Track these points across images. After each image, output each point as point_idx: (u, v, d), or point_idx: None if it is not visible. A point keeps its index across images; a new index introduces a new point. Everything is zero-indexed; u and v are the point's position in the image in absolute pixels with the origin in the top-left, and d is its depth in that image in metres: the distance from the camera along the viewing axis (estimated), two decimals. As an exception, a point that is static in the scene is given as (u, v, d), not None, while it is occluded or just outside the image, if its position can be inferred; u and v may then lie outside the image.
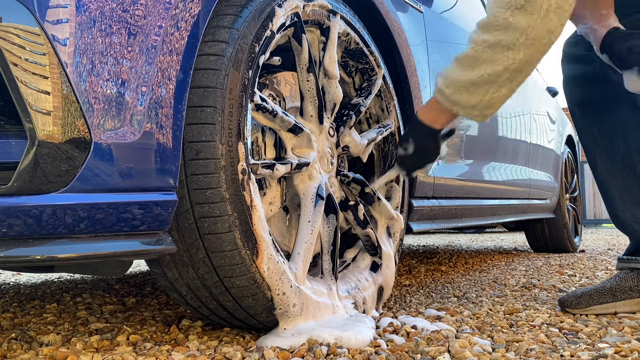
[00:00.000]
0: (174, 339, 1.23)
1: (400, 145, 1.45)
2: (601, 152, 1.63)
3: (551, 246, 3.82)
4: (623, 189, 1.60)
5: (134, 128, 0.92)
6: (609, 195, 1.65)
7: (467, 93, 1.25)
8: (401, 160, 1.47)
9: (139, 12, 0.94)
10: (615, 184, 1.62)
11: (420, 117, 1.39)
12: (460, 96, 1.26)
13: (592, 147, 1.67)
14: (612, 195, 1.63)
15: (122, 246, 0.94)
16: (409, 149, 1.42)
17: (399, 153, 1.46)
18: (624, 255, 1.60)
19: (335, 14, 1.42)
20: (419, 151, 1.42)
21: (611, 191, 1.64)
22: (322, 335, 1.15)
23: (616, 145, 1.60)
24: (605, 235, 6.40)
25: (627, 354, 1.09)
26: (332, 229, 1.37)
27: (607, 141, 1.61)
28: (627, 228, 1.62)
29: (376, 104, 1.67)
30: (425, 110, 1.39)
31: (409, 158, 1.44)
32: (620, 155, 1.59)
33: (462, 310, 1.57)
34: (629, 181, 1.59)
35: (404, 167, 1.48)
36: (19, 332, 1.33)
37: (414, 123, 1.41)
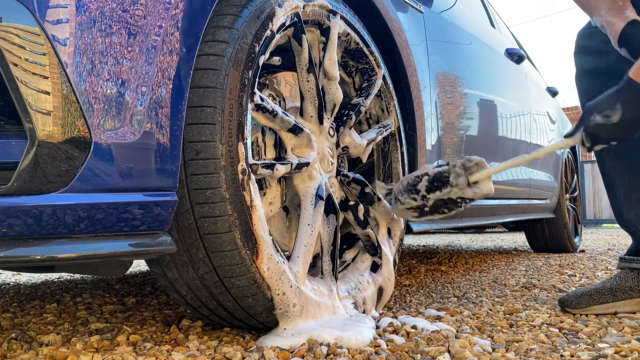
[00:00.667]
0: (174, 339, 1.23)
1: (598, 112, 1.24)
2: (609, 150, 1.61)
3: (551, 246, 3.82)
4: (629, 188, 1.59)
5: (134, 128, 0.92)
6: (614, 194, 1.64)
7: None
8: (595, 129, 1.25)
9: (139, 12, 0.94)
10: (622, 182, 1.61)
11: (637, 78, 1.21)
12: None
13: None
14: (618, 193, 1.63)
15: (122, 246, 0.94)
16: (614, 116, 1.22)
17: (594, 120, 1.24)
18: (625, 255, 1.60)
19: (335, 14, 1.42)
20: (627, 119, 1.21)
21: (617, 189, 1.63)
22: (322, 335, 1.15)
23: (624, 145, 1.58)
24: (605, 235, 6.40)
25: (627, 354, 1.09)
26: (332, 229, 1.37)
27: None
28: (630, 227, 1.61)
29: (376, 104, 1.67)
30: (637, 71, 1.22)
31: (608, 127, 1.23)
32: (629, 153, 1.58)
33: (462, 310, 1.57)
34: (635, 180, 1.58)
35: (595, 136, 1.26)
36: (19, 332, 1.32)
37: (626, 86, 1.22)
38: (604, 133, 1.25)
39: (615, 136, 1.26)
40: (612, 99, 1.24)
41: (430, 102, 1.91)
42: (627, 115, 1.22)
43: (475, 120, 2.37)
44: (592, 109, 1.27)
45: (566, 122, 4.24)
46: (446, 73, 2.10)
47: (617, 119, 1.22)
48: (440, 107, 2.01)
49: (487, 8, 3.37)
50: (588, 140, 1.28)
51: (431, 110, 1.92)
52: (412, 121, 1.79)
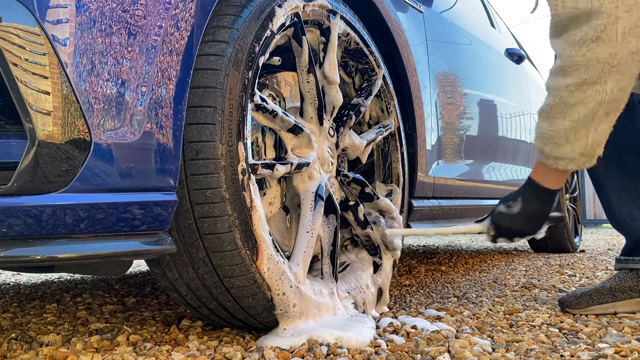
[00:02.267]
0: (174, 339, 1.23)
1: (504, 202, 1.36)
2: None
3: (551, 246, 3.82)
4: (619, 188, 1.60)
5: (134, 128, 0.92)
6: (605, 194, 1.65)
7: (568, 143, 1.20)
8: (498, 219, 1.36)
9: (139, 12, 0.94)
10: (612, 183, 1.62)
11: (533, 177, 1.33)
12: (562, 149, 1.21)
13: None
14: (608, 193, 1.63)
15: (122, 246, 0.94)
16: (514, 207, 1.33)
17: (498, 209, 1.36)
18: (621, 255, 1.60)
19: (335, 14, 1.42)
20: (524, 214, 1.32)
21: (607, 190, 1.63)
22: (322, 336, 1.15)
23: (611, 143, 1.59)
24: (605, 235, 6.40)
25: (627, 354, 1.09)
26: (332, 229, 1.37)
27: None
28: (623, 226, 1.62)
29: (376, 105, 1.67)
30: (535, 171, 1.33)
31: (509, 218, 1.34)
32: (616, 153, 1.59)
33: (462, 310, 1.57)
34: (625, 181, 1.59)
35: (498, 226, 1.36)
36: (19, 332, 1.32)
37: (527, 183, 1.34)
38: (505, 222, 1.35)
39: (515, 227, 1.34)
40: (517, 193, 1.35)
41: (430, 102, 1.91)
42: (525, 208, 1.32)
43: (475, 120, 2.37)
44: (502, 200, 1.39)
45: (566, 122, 4.23)
46: (446, 73, 2.10)
47: (516, 210, 1.33)
48: (440, 107, 2.01)
49: (487, 8, 3.37)
50: (492, 228, 1.37)
51: (431, 110, 1.92)
52: (412, 121, 1.79)
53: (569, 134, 1.20)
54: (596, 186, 1.68)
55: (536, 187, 1.32)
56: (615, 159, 1.59)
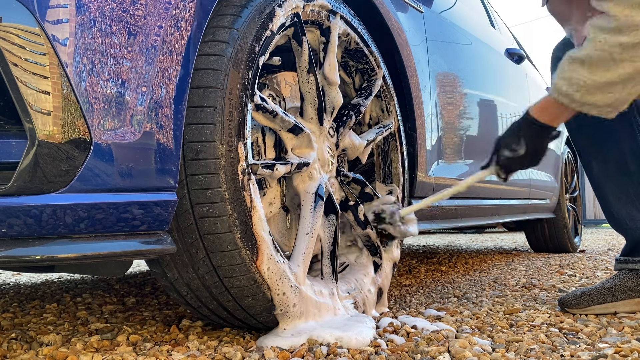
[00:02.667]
0: (174, 339, 1.23)
1: (505, 147, 1.40)
2: (595, 152, 1.63)
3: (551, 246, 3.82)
4: (618, 188, 1.60)
5: (134, 128, 0.92)
6: (603, 195, 1.65)
7: (602, 93, 1.22)
8: (507, 162, 1.41)
9: (139, 12, 0.94)
10: (610, 183, 1.62)
11: (536, 116, 1.35)
12: (593, 97, 1.23)
13: (585, 149, 1.67)
14: (607, 194, 1.63)
15: (122, 246, 0.94)
16: (519, 150, 1.37)
17: (504, 154, 1.40)
18: (620, 256, 1.60)
19: (335, 14, 1.42)
20: (531, 151, 1.37)
21: (606, 190, 1.63)
22: (322, 336, 1.15)
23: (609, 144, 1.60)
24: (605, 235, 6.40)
25: (627, 354, 1.09)
26: (332, 229, 1.37)
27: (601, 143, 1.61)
28: (622, 227, 1.62)
29: (376, 105, 1.67)
30: (540, 110, 1.35)
31: (516, 160, 1.39)
32: (614, 154, 1.59)
33: (462, 310, 1.57)
34: (623, 181, 1.59)
35: (508, 168, 1.42)
36: (19, 332, 1.33)
37: (526, 123, 1.37)
38: (514, 164, 1.41)
39: (523, 165, 1.41)
40: (516, 135, 1.39)
41: (430, 102, 1.91)
42: (530, 148, 1.37)
43: (476, 120, 2.37)
44: (502, 143, 1.42)
45: (566, 122, 4.23)
46: (446, 73, 2.10)
47: (522, 152, 1.38)
48: (440, 107, 2.01)
49: (487, 8, 3.37)
50: (502, 171, 1.43)
51: (431, 110, 1.92)
52: (412, 121, 1.79)
53: (607, 87, 1.21)
54: (595, 187, 1.68)
55: (541, 126, 1.35)
56: (614, 160, 1.59)
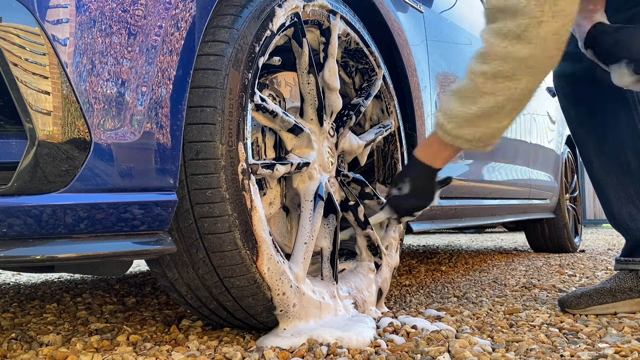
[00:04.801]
0: (174, 339, 1.23)
1: (394, 185, 1.41)
2: (596, 150, 1.63)
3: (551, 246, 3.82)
4: (618, 187, 1.60)
5: (134, 128, 0.92)
6: (604, 193, 1.65)
7: (470, 127, 1.23)
8: (394, 201, 1.42)
9: (139, 12, 0.94)
10: (611, 182, 1.61)
11: (419, 155, 1.36)
12: (463, 130, 1.24)
13: (586, 145, 1.66)
14: (607, 193, 1.63)
15: (122, 246, 0.94)
16: (404, 188, 1.38)
17: (392, 193, 1.41)
18: (621, 256, 1.60)
19: (335, 14, 1.42)
20: (415, 192, 1.38)
21: (606, 189, 1.63)
22: (322, 336, 1.15)
23: (611, 143, 1.59)
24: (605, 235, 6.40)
25: (627, 354, 1.09)
26: (332, 229, 1.37)
27: (602, 139, 1.60)
28: (622, 226, 1.61)
29: (376, 105, 1.67)
30: (424, 148, 1.36)
31: (403, 199, 1.39)
32: (615, 153, 1.58)
33: (462, 310, 1.57)
34: (624, 180, 1.58)
35: (396, 208, 1.43)
36: (19, 332, 1.33)
37: (412, 162, 1.38)
38: (401, 203, 1.41)
39: (411, 205, 1.41)
40: (403, 175, 1.41)
41: (430, 102, 1.91)
42: (414, 187, 1.38)
43: (475, 120, 2.37)
44: (392, 182, 1.43)
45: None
46: (446, 73, 2.10)
47: (407, 191, 1.38)
48: (440, 107, 2.01)
49: (487, 8, 3.36)
50: (393, 211, 1.44)
51: (431, 110, 1.92)
52: (412, 121, 1.79)
53: (474, 120, 1.22)
54: (596, 186, 1.68)
55: (423, 166, 1.36)
56: (615, 159, 1.59)
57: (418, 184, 1.37)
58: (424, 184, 1.38)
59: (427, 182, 1.37)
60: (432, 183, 1.38)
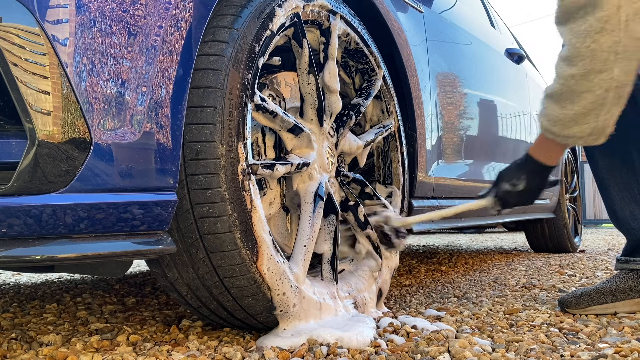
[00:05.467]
0: (174, 339, 1.23)
1: (507, 180, 1.42)
2: (601, 149, 1.62)
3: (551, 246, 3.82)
4: (622, 187, 1.60)
5: (134, 128, 0.92)
6: (607, 193, 1.65)
7: (577, 125, 1.23)
8: (503, 195, 1.43)
9: (139, 12, 0.94)
10: (615, 181, 1.61)
11: (534, 155, 1.38)
12: (571, 130, 1.24)
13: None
14: (611, 192, 1.63)
15: (122, 246, 0.94)
16: (519, 185, 1.40)
17: (504, 188, 1.42)
18: (621, 255, 1.60)
19: (335, 14, 1.42)
20: (529, 189, 1.40)
21: (610, 188, 1.63)
22: (322, 336, 1.15)
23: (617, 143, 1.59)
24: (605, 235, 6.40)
25: (627, 354, 1.09)
26: (332, 230, 1.37)
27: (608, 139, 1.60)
28: (624, 226, 1.61)
29: (376, 106, 1.67)
30: (537, 148, 1.38)
31: (515, 194, 1.41)
32: (621, 153, 1.58)
33: (462, 310, 1.57)
34: (628, 179, 1.58)
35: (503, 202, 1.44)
36: (19, 332, 1.33)
37: (527, 160, 1.40)
38: (512, 198, 1.43)
39: (522, 201, 1.44)
40: (518, 171, 1.41)
41: (430, 102, 1.91)
42: (529, 185, 1.40)
43: (475, 120, 2.37)
44: (503, 177, 1.44)
45: (566, 122, 4.23)
46: (446, 73, 2.10)
47: (521, 188, 1.40)
48: (440, 107, 2.01)
49: (487, 8, 3.37)
50: (498, 204, 1.46)
51: (431, 110, 1.92)
52: (412, 121, 1.79)
53: (578, 118, 1.22)
54: (599, 185, 1.67)
55: (538, 165, 1.38)
56: (621, 157, 1.59)
57: (534, 182, 1.40)
58: (539, 182, 1.40)
59: (542, 180, 1.41)
60: (546, 181, 1.41)
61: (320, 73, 1.39)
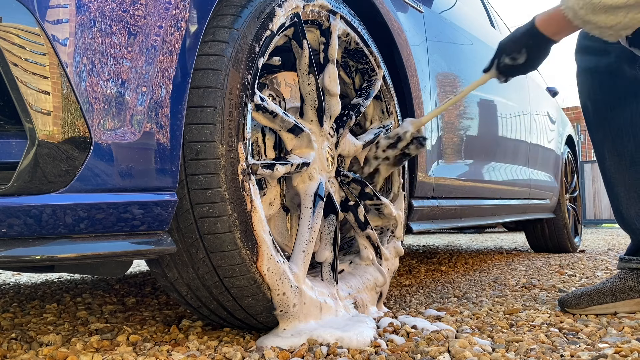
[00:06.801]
0: (174, 339, 1.23)
1: (507, 54, 1.44)
2: (610, 148, 1.62)
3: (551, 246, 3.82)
4: (629, 186, 1.59)
5: (134, 128, 0.92)
6: (614, 192, 1.64)
7: (604, 14, 1.22)
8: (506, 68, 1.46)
9: (139, 12, 0.94)
10: (622, 180, 1.61)
11: (540, 27, 1.38)
12: (597, 17, 1.23)
13: (601, 142, 1.65)
14: (618, 191, 1.62)
15: (122, 246, 0.94)
16: (520, 59, 1.42)
17: (504, 62, 1.45)
18: (625, 255, 1.59)
19: (335, 14, 1.42)
20: (531, 60, 1.42)
21: (617, 188, 1.62)
22: (322, 336, 1.15)
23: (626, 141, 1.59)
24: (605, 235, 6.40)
25: (627, 354, 1.09)
26: (332, 229, 1.37)
27: (617, 137, 1.60)
28: (630, 226, 1.61)
29: (376, 106, 1.67)
30: (546, 20, 1.37)
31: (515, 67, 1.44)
32: (629, 152, 1.58)
33: (462, 310, 1.57)
34: (636, 179, 1.58)
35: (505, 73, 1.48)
36: (19, 332, 1.33)
37: (531, 32, 1.40)
38: (513, 71, 1.47)
39: (522, 71, 1.47)
40: (519, 44, 1.43)
41: (430, 102, 1.91)
42: (530, 57, 1.42)
43: (475, 120, 2.37)
44: (503, 50, 1.46)
45: (566, 122, 4.24)
46: (446, 73, 2.10)
47: (522, 61, 1.43)
48: (440, 107, 2.01)
49: (487, 8, 3.37)
50: (501, 76, 1.50)
51: (431, 110, 1.92)
52: (412, 121, 1.78)
53: (612, 10, 1.21)
54: (606, 184, 1.67)
55: (543, 38, 1.38)
56: (630, 158, 1.58)
57: (535, 54, 1.41)
58: (540, 54, 1.42)
59: (544, 52, 1.42)
60: (546, 53, 1.42)
61: (320, 75, 1.39)
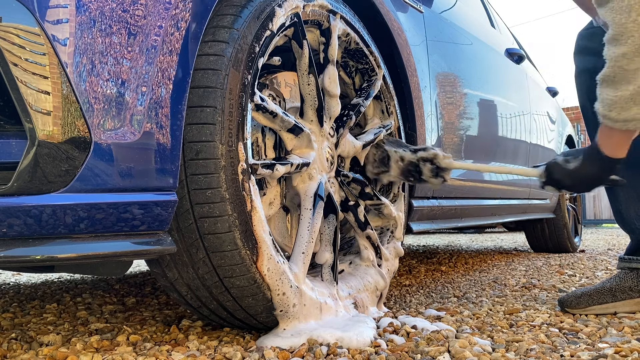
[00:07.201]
0: (174, 339, 1.23)
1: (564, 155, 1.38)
2: None
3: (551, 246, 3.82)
4: (628, 186, 1.59)
5: (134, 128, 0.92)
6: (613, 191, 1.64)
7: (635, 106, 1.20)
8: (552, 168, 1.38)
9: (139, 12, 0.94)
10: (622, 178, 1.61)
11: (600, 145, 1.32)
12: (630, 112, 1.21)
13: None
14: (617, 191, 1.62)
15: (122, 246, 0.94)
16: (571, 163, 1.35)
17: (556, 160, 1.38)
18: (625, 254, 1.59)
19: (335, 14, 1.42)
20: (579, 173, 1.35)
21: (616, 187, 1.62)
22: (322, 336, 1.15)
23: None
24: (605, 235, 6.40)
25: (627, 354, 1.09)
26: (332, 229, 1.37)
27: None
28: (629, 226, 1.61)
29: (376, 106, 1.67)
30: (601, 139, 1.32)
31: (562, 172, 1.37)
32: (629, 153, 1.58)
33: (462, 310, 1.57)
34: (635, 178, 1.58)
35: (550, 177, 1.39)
36: (19, 332, 1.33)
37: (592, 146, 1.34)
38: (557, 174, 1.39)
39: (565, 182, 1.39)
40: (580, 151, 1.37)
41: (430, 102, 1.91)
42: (581, 169, 1.35)
43: (475, 120, 2.37)
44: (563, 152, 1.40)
45: (566, 122, 4.24)
46: (446, 73, 2.10)
47: (572, 167, 1.36)
48: (440, 107, 2.01)
49: (487, 8, 3.37)
50: (544, 175, 1.41)
51: (431, 110, 1.92)
52: (412, 121, 1.79)
53: (636, 97, 1.19)
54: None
55: (598, 153, 1.32)
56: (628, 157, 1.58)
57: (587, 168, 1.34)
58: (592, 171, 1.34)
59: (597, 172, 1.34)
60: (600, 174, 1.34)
61: (320, 75, 1.39)
